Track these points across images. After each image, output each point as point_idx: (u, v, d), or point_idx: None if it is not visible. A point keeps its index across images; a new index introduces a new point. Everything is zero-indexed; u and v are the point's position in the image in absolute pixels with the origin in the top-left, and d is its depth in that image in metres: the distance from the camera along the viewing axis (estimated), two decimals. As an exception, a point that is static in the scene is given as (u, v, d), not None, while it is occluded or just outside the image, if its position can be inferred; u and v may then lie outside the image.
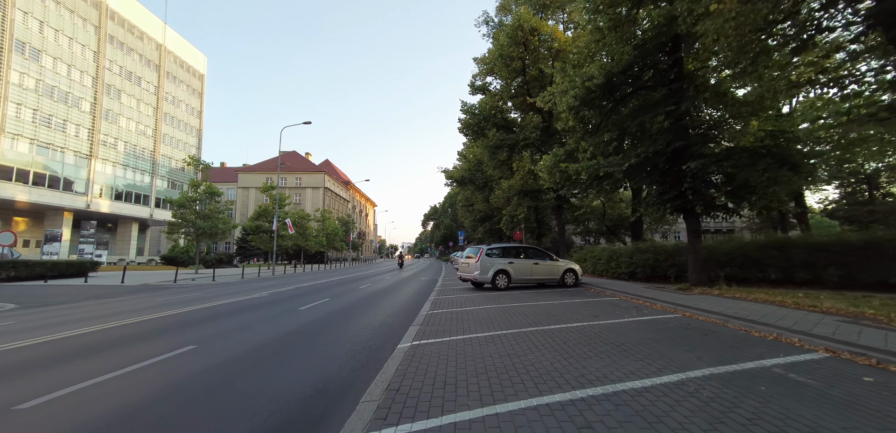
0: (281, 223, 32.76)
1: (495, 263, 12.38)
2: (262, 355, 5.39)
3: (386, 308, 9.75)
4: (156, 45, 53.87)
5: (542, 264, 12.93)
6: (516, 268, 12.54)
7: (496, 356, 4.67)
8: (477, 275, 12.34)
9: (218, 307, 10.16)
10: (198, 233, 27.26)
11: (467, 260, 13.15)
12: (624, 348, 4.95)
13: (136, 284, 17.82)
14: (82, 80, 42.56)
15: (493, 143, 20.39)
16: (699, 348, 4.91)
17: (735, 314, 6.71)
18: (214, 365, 4.96)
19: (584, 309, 8.31)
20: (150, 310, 9.65)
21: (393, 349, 5.34)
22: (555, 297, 10.35)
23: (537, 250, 13.62)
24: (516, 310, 8.15)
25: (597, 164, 10.40)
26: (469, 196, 41.22)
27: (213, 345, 5.89)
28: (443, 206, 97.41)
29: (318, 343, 6.05)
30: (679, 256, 13.33)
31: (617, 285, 12.78)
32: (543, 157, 14.08)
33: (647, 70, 11.20)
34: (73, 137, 41.39)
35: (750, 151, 9.14)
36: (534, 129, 19.76)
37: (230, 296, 12.70)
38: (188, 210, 26.56)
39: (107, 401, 3.80)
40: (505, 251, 12.90)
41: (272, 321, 7.97)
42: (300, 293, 13.68)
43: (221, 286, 17.62)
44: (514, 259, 12.66)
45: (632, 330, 6.06)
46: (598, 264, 17.24)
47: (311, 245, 46.61)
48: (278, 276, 25.28)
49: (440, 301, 10.07)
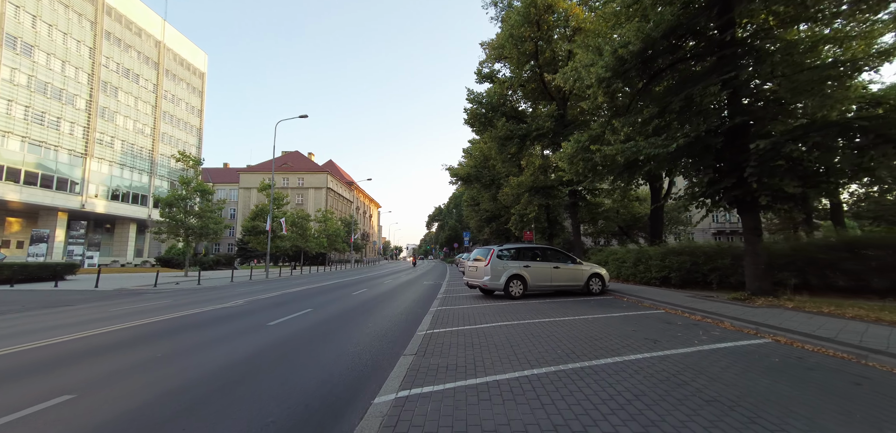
0: (275, 223, 31.13)
1: (509, 267, 10.47)
2: (147, 422, 3.55)
3: (375, 325, 7.89)
4: (155, 42, 52.79)
5: (563, 268, 10.99)
6: (533, 273, 10.61)
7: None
8: (487, 281, 10.43)
9: (170, 321, 8.38)
10: (188, 233, 25.67)
11: (475, 263, 11.24)
12: (740, 410, 3.03)
13: (111, 289, 16.18)
14: (77, 77, 41.44)
15: (503, 134, 18.47)
16: (874, 417, 2.97)
17: (861, 343, 4.74)
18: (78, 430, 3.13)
19: (631, 328, 6.38)
20: (81, 325, 7.87)
21: (366, 405, 3.48)
22: (584, 309, 8.43)
23: (557, 252, 11.68)
24: (542, 331, 6.24)
25: (635, 147, 8.44)
26: (475, 195, 39.33)
27: (97, 394, 4.05)
28: (447, 207, 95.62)
29: (250, 395, 4.18)
30: (721, 259, 11.35)
31: (650, 292, 10.80)
32: (564, 143, 12.13)
33: (693, 33, 9.25)
34: (68, 135, 40.25)
35: (839, 126, 7.14)
36: (547, 118, 17.82)
37: (201, 306, 10.95)
38: (178, 209, 24.98)
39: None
40: (519, 253, 10.99)
41: (216, 346, 6.10)
42: (282, 301, 11.88)
43: (203, 291, 15.91)
44: (530, 262, 10.74)
45: (724, 369, 4.12)
46: (622, 268, 15.24)
47: (312, 246, 44.99)
48: (272, 280, 23.59)
49: (444, 315, 8.19)
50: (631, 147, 8.55)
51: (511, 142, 18.79)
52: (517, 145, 18.88)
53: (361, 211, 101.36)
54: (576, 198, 21.06)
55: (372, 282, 20.92)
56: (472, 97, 20.42)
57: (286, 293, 14.44)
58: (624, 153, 8.55)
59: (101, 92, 43.97)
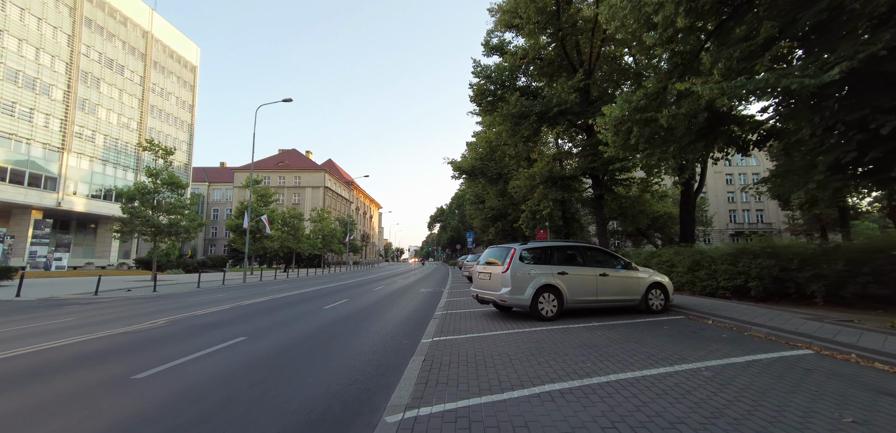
0: (254, 221, 28.06)
1: (536, 274, 7.27)
2: None
3: (322, 376, 4.75)
4: (142, 31, 50.07)
5: (612, 276, 7.77)
6: (572, 283, 7.39)
7: None
8: (506, 294, 7.24)
9: (24, 361, 5.29)
10: (158, 232, 22.66)
11: (488, 268, 8.03)
12: None
13: (36, 299, 13.17)
14: (53, 66, 38.67)
15: (516, 111, 15.29)
16: None
17: None
18: None
19: (782, 390, 3.22)
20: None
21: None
22: (666, 343, 5.26)
23: (602, 251, 8.45)
24: (628, 405, 3.07)
25: (751, 84, 5.19)
26: (479, 191, 36.16)
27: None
28: (450, 208, 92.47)
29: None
30: (829, 264, 8.15)
31: (737, 311, 7.58)
32: (606, 107, 8.94)
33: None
34: (42, 128, 37.46)
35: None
36: (571, 91, 14.65)
37: (111, 326, 7.89)
38: (144, 204, 21.98)
39: None
40: (548, 253, 7.78)
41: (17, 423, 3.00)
42: (224, 321, 8.77)
43: (147, 303, 12.89)
44: (566, 267, 7.54)
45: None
46: (671, 273, 12.03)
47: (304, 247, 41.94)
48: (249, 286, 20.52)
49: (443, 356, 5.06)
50: (738, 85, 5.32)
51: (525, 122, 15.60)
52: (533, 125, 15.68)
53: (361, 211, 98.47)
54: (601, 189, 17.87)
55: (359, 289, 17.79)
56: (479, 70, 17.29)
57: (241, 306, 11.34)
58: (732, 92, 5.30)
59: (80, 83, 41.20)
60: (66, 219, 43.06)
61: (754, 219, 62.24)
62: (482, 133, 30.04)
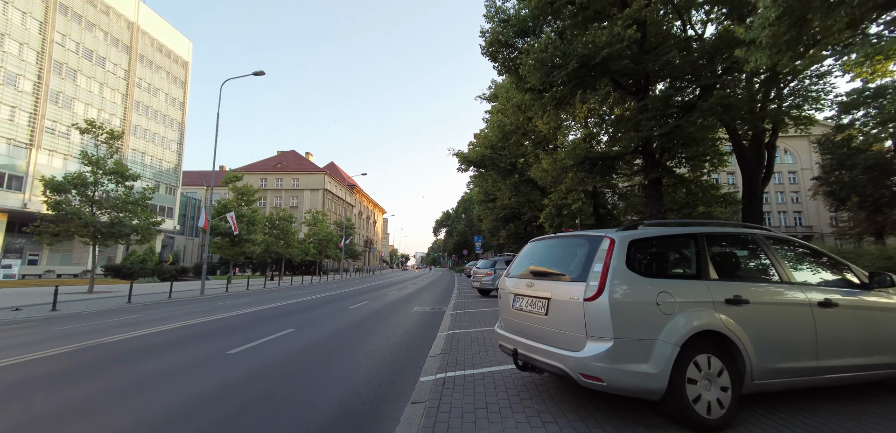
0: (214, 217, 23.89)
1: (676, 305, 2.77)
2: None
3: None
4: (127, 22, 46.91)
5: (845, 306, 3.20)
6: (760, 325, 2.84)
7: None
8: (600, 357, 2.69)
9: None
10: (97, 232, 18.59)
11: (534, 288, 3.51)
12: None
13: None
14: (21, 54, 35.36)
15: (549, 58, 10.83)
16: None
17: None
18: None
19: None
20: None
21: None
22: None
23: (805, 248, 3.80)
24: None
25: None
26: (489, 188, 31.63)
27: None
28: (456, 212, 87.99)
29: None
30: None
31: None
32: None
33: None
34: (6, 121, 34.04)
35: None
36: (628, 22, 10.15)
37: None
38: (79, 196, 17.92)
39: None
40: (688, 250, 3.24)
41: None
42: (84, 367, 4.39)
43: (34, 328, 8.66)
44: (741, 284, 3.00)
45: None
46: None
47: (295, 252, 37.76)
48: (207, 298, 16.27)
49: None
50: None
51: (560, 72, 11.08)
52: (571, 78, 11.13)
53: (364, 216, 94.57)
54: (658, 170, 13.28)
55: (326, 308, 13.36)
56: (493, 12, 12.89)
57: (156, 333, 6.97)
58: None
59: (53, 74, 37.88)
60: (32, 220, 39.54)
61: (791, 222, 56.65)
62: (493, 118, 25.68)
